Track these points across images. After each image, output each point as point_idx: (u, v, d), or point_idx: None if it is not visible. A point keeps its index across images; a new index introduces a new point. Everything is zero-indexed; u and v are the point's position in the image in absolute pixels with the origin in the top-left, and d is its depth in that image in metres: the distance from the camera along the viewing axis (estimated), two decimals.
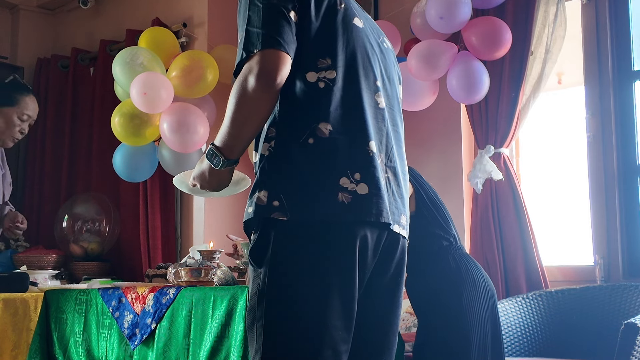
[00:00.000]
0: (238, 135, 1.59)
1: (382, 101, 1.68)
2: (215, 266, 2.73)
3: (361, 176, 1.56)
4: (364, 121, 1.61)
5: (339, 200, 1.53)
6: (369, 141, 1.60)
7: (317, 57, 1.61)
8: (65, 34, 4.90)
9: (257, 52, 1.53)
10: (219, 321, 2.37)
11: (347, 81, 1.62)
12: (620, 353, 2.39)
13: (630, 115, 3.22)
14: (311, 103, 1.59)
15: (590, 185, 3.25)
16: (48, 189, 4.59)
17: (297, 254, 1.53)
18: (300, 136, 1.56)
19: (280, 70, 1.53)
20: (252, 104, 1.54)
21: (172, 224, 4.12)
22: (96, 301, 2.86)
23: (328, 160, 1.56)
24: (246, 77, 1.54)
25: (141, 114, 3.65)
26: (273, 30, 1.55)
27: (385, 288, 1.68)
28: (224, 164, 1.62)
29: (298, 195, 1.53)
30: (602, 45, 3.26)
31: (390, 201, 1.62)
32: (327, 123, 1.57)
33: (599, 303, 2.93)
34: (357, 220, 1.55)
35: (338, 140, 1.57)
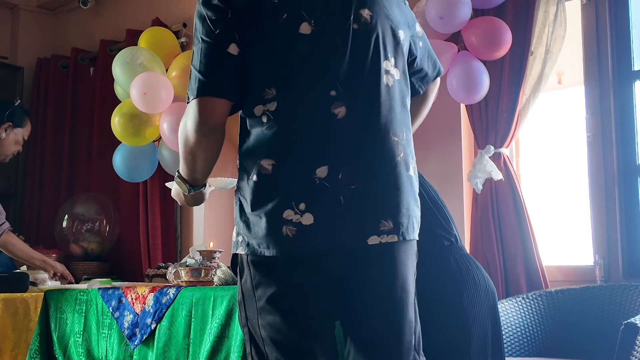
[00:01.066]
0: (193, 169, 1.67)
1: (340, 111, 1.57)
2: (215, 266, 2.73)
3: (307, 206, 1.53)
4: (311, 147, 1.55)
5: (283, 234, 1.53)
6: (317, 167, 1.54)
7: (262, 87, 1.57)
8: (65, 34, 4.90)
9: (192, 99, 1.55)
10: (219, 321, 2.37)
11: (288, 109, 1.56)
12: (620, 353, 2.38)
13: (630, 115, 3.22)
14: (257, 138, 1.60)
15: (590, 185, 3.25)
16: (48, 189, 4.59)
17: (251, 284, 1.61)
18: (249, 172, 1.59)
19: (216, 118, 1.56)
20: (194, 147, 1.59)
21: (172, 224, 4.12)
22: (96, 301, 2.86)
23: (270, 195, 1.55)
24: (185, 122, 1.58)
25: (141, 114, 3.66)
26: (209, 74, 1.54)
27: (380, 299, 1.63)
28: (191, 190, 1.71)
29: (250, 232, 1.58)
30: (602, 45, 3.26)
31: (358, 216, 1.55)
32: (269, 159, 1.56)
33: (599, 303, 2.93)
34: (301, 252, 1.55)
35: (280, 173, 1.55)
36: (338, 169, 1.55)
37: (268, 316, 1.59)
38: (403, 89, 1.69)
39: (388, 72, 1.64)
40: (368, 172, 1.58)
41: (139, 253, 4.09)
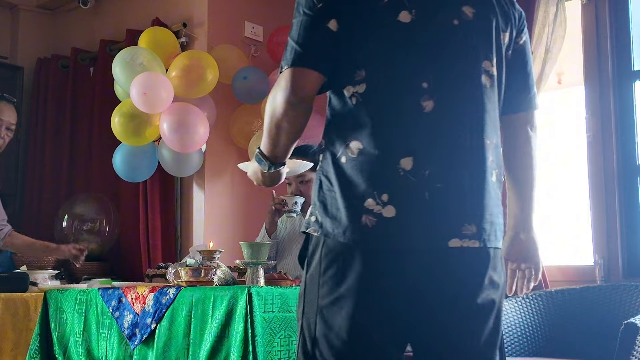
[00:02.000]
0: (276, 144, 1.61)
1: (428, 104, 1.52)
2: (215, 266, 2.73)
3: (389, 197, 1.48)
4: (397, 136, 1.51)
5: (362, 223, 1.48)
6: (402, 158, 1.49)
7: (354, 69, 1.55)
8: (65, 34, 4.90)
9: (286, 69, 1.53)
10: (219, 321, 2.37)
11: (378, 95, 1.53)
12: (620, 353, 2.38)
13: (630, 115, 3.22)
14: (345, 120, 1.56)
15: (590, 185, 3.25)
16: (48, 189, 4.59)
17: (322, 270, 1.54)
18: (336, 153, 1.55)
19: (308, 90, 1.53)
20: (281, 119, 1.55)
21: (172, 224, 4.12)
22: (96, 301, 2.86)
23: (356, 180, 1.51)
24: (275, 92, 1.54)
25: (141, 114, 3.66)
26: (306, 46, 1.53)
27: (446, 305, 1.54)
28: (271, 167, 1.66)
29: (328, 215, 1.53)
30: (602, 45, 3.26)
31: (440, 216, 1.49)
32: (357, 141, 1.52)
33: (599, 303, 2.93)
34: (378, 245, 1.49)
35: (367, 159, 1.50)
36: (424, 164, 1.50)
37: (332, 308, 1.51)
38: (500, 93, 1.65)
39: (487, 72, 1.60)
40: (455, 172, 1.53)
41: (139, 253, 4.09)
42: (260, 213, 4.15)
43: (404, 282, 1.50)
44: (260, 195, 4.17)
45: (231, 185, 4.13)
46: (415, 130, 1.51)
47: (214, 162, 4.07)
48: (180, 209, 4.15)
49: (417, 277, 1.51)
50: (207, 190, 4.03)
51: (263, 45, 4.16)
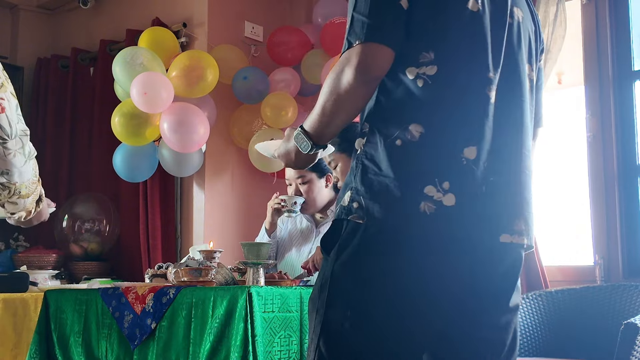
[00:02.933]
0: (328, 123, 1.52)
1: (493, 95, 1.50)
2: (215, 266, 2.73)
3: (450, 185, 1.43)
4: (463, 124, 1.47)
5: (420, 209, 1.41)
6: (466, 147, 1.45)
7: (420, 50, 1.47)
8: (65, 34, 4.90)
9: (358, 43, 1.44)
10: (219, 321, 2.37)
11: (449, 78, 1.47)
12: (620, 353, 2.38)
13: (630, 115, 3.22)
14: (406, 102, 1.48)
15: (590, 185, 3.25)
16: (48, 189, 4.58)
17: (361, 255, 1.47)
18: (390, 136, 1.47)
19: (381, 67, 1.45)
20: (346, 96, 1.46)
21: (172, 224, 4.12)
22: (96, 301, 2.86)
23: (415, 165, 1.44)
24: (343, 68, 1.45)
25: (141, 114, 3.66)
26: (379, 21, 1.44)
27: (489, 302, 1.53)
28: (312, 148, 1.57)
29: (377, 201, 1.45)
30: (602, 45, 3.26)
31: (495, 209, 1.48)
32: (419, 125, 1.45)
33: (599, 303, 2.93)
34: (436, 233, 1.43)
35: (429, 144, 1.45)
36: (484, 155, 1.47)
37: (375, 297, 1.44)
38: (533, 100, 1.65)
39: (528, 76, 1.61)
40: (508, 167, 1.52)
41: (139, 253, 4.09)
42: (260, 213, 4.15)
43: (457, 273, 1.47)
44: (260, 195, 4.17)
45: (231, 185, 4.13)
46: (482, 120, 1.48)
47: (214, 162, 4.07)
48: (180, 209, 4.15)
49: (470, 268, 1.48)
50: (207, 190, 4.03)
51: (263, 45, 4.16)
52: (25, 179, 1.90)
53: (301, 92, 4.04)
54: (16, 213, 2.06)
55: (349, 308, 1.47)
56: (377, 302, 1.45)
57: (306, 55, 3.94)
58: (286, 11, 4.42)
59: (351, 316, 1.46)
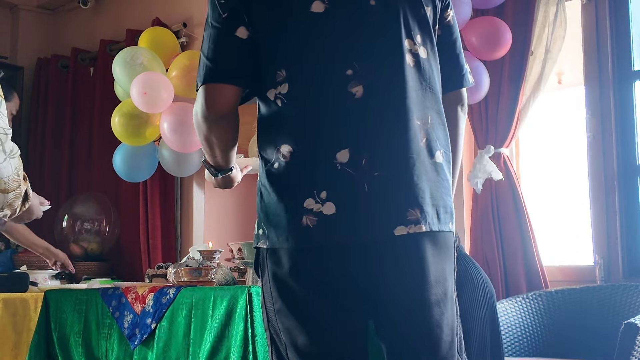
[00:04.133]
0: (213, 155, 1.65)
1: (358, 90, 1.47)
2: (215, 266, 2.73)
3: (327, 194, 1.44)
4: (330, 129, 1.46)
5: (303, 224, 1.45)
6: (337, 151, 1.45)
7: (274, 70, 1.50)
8: (65, 34, 4.90)
9: (200, 86, 1.52)
10: (219, 321, 2.37)
11: (301, 91, 1.48)
12: (620, 353, 2.39)
13: (630, 115, 3.22)
14: (273, 124, 1.52)
15: (590, 185, 3.25)
16: (48, 189, 4.59)
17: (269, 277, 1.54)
18: (269, 161, 1.52)
19: (223, 105, 1.51)
20: (208, 133, 1.56)
21: (172, 224, 4.12)
22: (96, 301, 2.86)
23: (292, 183, 1.48)
24: (195, 110, 1.55)
25: (141, 114, 3.66)
26: (217, 60, 1.50)
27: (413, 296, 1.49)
28: (218, 174, 1.71)
29: (271, 224, 1.51)
30: (602, 45, 3.25)
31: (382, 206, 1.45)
32: (287, 145, 1.48)
33: (599, 303, 2.93)
34: (320, 244, 1.46)
35: (299, 160, 1.47)
36: (361, 153, 1.45)
37: (285, 320, 1.52)
38: (432, 69, 1.57)
39: (410, 50, 1.53)
40: (391, 157, 1.47)
41: (139, 253, 4.09)
42: None
43: (353, 279, 1.48)
44: None
45: None
46: (347, 119, 1.47)
47: None
48: (180, 209, 4.15)
49: (366, 271, 1.47)
50: (207, 190, 4.03)
51: None
52: (4, 174, 1.91)
53: None
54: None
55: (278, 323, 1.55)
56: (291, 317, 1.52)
57: None
58: None
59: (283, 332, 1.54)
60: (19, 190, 1.98)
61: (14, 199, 1.99)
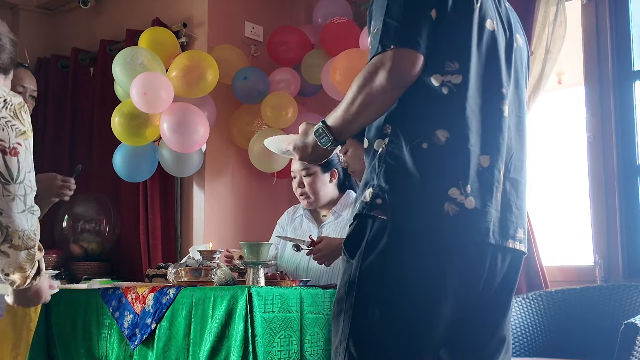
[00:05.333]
0: (352, 122, 1.58)
1: (506, 109, 1.62)
2: (215, 266, 2.73)
3: (472, 189, 1.52)
4: (483, 132, 1.56)
5: (444, 210, 1.50)
6: (482, 155, 1.56)
7: (445, 59, 1.55)
8: (65, 34, 4.90)
9: (393, 48, 1.49)
10: (219, 321, 2.37)
11: (471, 88, 1.56)
12: (620, 353, 2.39)
13: (630, 115, 3.22)
14: (431, 107, 1.55)
15: (590, 185, 3.25)
16: None
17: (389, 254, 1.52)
18: (415, 139, 1.53)
19: (413, 72, 1.51)
20: (375, 98, 1.52)
21: (172, 224, 4.12)
22: (96, 301, 2.86)
23: (441, 168, 1.52)
24: (376, 70, 1.50)
25: (141, 114, 3.66)
26: (413, 28, 1.51)
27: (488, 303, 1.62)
28: (332, 144, 1.63)
29: (403, 198, 1.51)
30: (602, 45, 3.26)
31: (504, 216, 1.58)
32: (445, 130, 1.53)
33: (599, 303, 2.93)
34: (457, 233, 1.51)
35: (454, 149, 1.52)
36: (498, 164, 1.57)
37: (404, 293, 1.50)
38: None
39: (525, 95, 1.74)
40: (516, 177, 1.64)
41: (139, 253, 4.09)
42: (260, 213, 4.15)
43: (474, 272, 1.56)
44: (260, 195, 4.17)
45: (231, 185, 4.13)
46: (495, 131, 1.58)
47: (214, 162, 4.06)
48: (180, 209, 4.14)
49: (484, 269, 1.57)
50: (207, 190, 4.03)
51: (263, 45, 4.16)
52: (20, 227, 1.86)
53: (301, 92, 4.04)
54: (10, 275, 1.98)
55: (377, 307, 1.51)
56: (404, 300, 1.51)
57: (306, 56, 3.94)
58: (286, 11, 4.42)
59: (380, 315, 1.51)
60: (33, 252, 1.94)
61: (26, 261, 1.93)
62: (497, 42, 1.62)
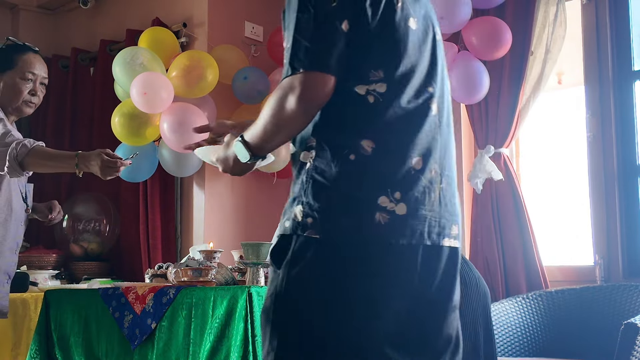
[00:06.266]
0: (268, 141, 1.57)
1: (435, 107, 1.60)
2: (215, 266, 2.73)
3: (401, 195, 1.50)
4: (412, 136, 1.54)
5: (376, 220, 1.48)
6: (414, 158, 1.53)
7: (369, 68, 1.53)
8: (65, 34, 4.90)
9: (302, 72, 1.47)
10: (219, 321, 2.37)
11: (397, 94, 1.54)
12: (620, 353, 2.39)
13: (630, 115, 3.22)
14: (357, 117, 1.53)
15: (590, 185, 3.25)
16: (48, 189, 4.59)
17: (316, 264, 1.50)
18: (342, 151, 1.51)
19: (323, 96, 1.49)
20: (288, 122, 1.51)
21: (172, 224, 4.12)
22: (96, 301, 2.86)
23: (368, 178, 1.50)
24: (286, 95, 1.48)
25: (141, 114, 3.66)
26: (323, 49, 1.48)
27: (430, 302, 1.59)
28: (251, 159, 1.62)
29: (333, 214, 1.50)
30: (602, 45, 3.26)
31: (441, 215, 1.57)
32: (370, 140, 1.50)
33: (599, 303, 2.93)
34: (390, 240, 1.49)
35: (381, 158, 1.51)
36: (431, 164, 1.56)
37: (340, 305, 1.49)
38: None
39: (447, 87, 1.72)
40: (450, 175, 1.63)
41: (139, 253, 4.09)
42: (260, 213, 4.15)
43: (410, 277, 1.54)
44: (260, 195, 4.17)
45: (231, 185, 4.13)
46: (425, 132, 1.56)
47: None
48: (180, 209, 4.14)
49: (421, 271, 1.55)
50: (207, 190, 4.03)
51: (263, 45, 4.16)
52: None
53: None
54: None
55: (304, 318, 1.51)
56: (332, 310, 1.50)
57: None
58: None
59: (307, 326, 1.50)
60: None
61: None
62: (421, 40, 1.60)
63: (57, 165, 2.73)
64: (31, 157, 2.57)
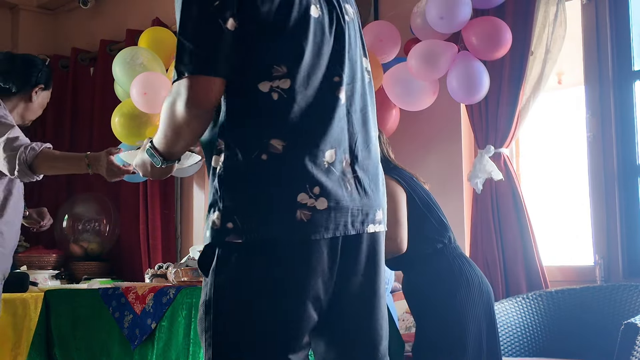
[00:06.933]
0: (172, 146, 1.57)
1: (343, 96, 1.56)
2: None
3: (320, 190, 1.48)
4: (321, 130, 1.51)
5: (297, 218, 1.46)
6: (326, 150, 1.51)
7: (271, 64, 1.49)
8: (65, 34, 4.91)
9: (187, 76, 1.44)
10: None
11: (302, 88, 1.50)
12: (620, 353, 2.39)
13: (630, 115, 3.22)
14: (263, 116, 1.49)
15: (590, 185, 3.25)
16: (48, 189, 4.59)
17: (241, 268, 1.49)
18: (252, 152, 1.47)
19: (211, 100, 1.46)
20: (182, 127, 1.49)
21: (172, 224, 4.13)
22: (96, 301, 2.86)
23: (284, 177, 1.47)
24: (175, 100, 1.46)
25: (141, 114, 3.66)
26: (206, 50, 1.44)
27: (359, 287, 1.60)
28: (163, 163, 1.61)
29: (254, 216, 1.47)
30: (602, 45, 3.25)
31: (363, 203, 1.55)
32: (279, 139, 1.47)
33: (599, 303, 2.93)
34: (315, 237, 1.48)
35: (293, 155, 1.47)
36: (344, 154, 1.54)
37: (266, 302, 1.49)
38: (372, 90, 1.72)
39: (366, 68, 1.67)
40: (366, 161, 1.60)
41: (139, 253, 4.10)
42: None
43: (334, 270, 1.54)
44: None
45: None
46: (334, 123, 1.54)
47: None
48: (180, 209, 4.15)
49: (350, 262, 1.56)
50: (207, 190, 4.03)
51: None
52: None
53: None
54: None
55: (234, 323, 1.50)
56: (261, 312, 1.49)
57: None
58: None
59: (238, 330, 1.50)
60: None
61: None
62: (324, 28, 1.54)
63: (67, 167, 2.78)
64: (40, 159, 2.61)
